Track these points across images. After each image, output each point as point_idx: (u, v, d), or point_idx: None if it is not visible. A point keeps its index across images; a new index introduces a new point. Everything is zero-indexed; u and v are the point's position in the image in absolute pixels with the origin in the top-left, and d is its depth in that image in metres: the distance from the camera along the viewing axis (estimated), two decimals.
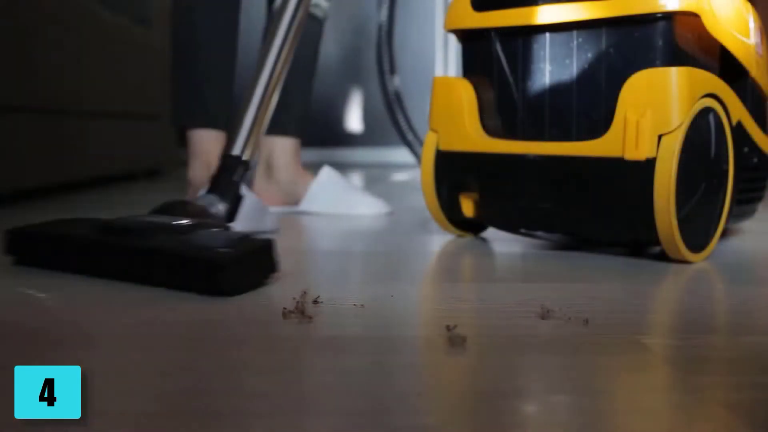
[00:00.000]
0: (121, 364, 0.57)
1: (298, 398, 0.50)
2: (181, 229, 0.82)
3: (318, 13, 1.55)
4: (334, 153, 3.51)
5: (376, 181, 2.46)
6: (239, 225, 1.22)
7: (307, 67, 1.56)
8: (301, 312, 0.68)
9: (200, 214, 0.90)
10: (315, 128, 3.59)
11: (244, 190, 1.05)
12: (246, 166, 0.98)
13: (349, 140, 3.63)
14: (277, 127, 1.54)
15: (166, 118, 1.48)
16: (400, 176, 2.67)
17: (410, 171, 2.86)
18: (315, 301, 0.73)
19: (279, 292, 0.80)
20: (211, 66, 1.40)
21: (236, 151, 0.98)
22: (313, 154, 3.26)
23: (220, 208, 0.96)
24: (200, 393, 0.50)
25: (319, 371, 0.55)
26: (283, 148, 1.55)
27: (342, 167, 2.42)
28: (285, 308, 0.69)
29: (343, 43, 3.62)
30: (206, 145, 1.40)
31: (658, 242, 0.97)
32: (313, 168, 1.60)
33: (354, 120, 3.65)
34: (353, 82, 3.59)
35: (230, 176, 0.97)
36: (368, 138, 3.61)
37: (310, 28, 1.55)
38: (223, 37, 1.41)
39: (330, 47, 3.68)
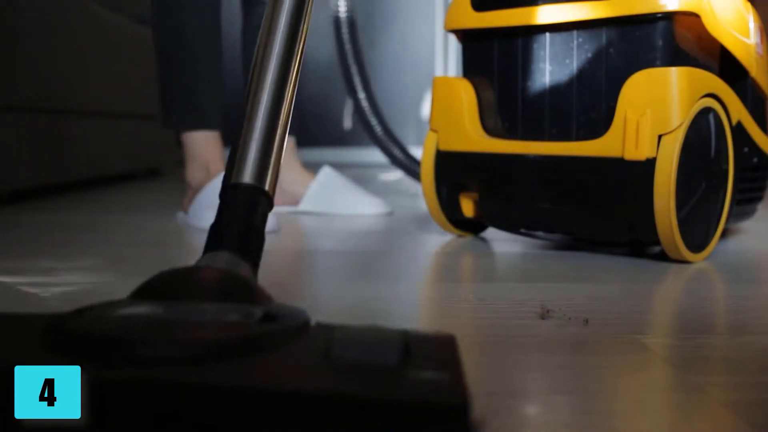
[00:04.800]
0: None
1: None
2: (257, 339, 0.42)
3: None
4: (334, 153, 3.51)
5: (376, 180, 2.46)
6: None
7: None
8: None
9: (244, 293, 0.50)
10: (314, 128, 3.60)
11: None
12: (269, 201, 0.60)
13: (348, 140, 3.63)
14: None
15: (159, 122, 1.46)
16: (399, 176, 2.67)
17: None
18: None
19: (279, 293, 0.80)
20: (201, 66, 1.39)
21: (245, 177, 0.59)
22: (312, 154, 3.26)
23: (246, 270, 0.56)
24: None
25: None
26: None
27: (341, 167, 2.42)
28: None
29: None
30: (203, 147, 1.39)
31: (658, 242, 0.97)
32: (313, 168, 1.60)
33: (352, 119, 3.65)
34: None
35: (244, 215, 0.58)
36: (367, 137, 3.61)
37: None
38: (211, 35, 1.40)
39: (328, 46, 3.68)
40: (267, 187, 0.59)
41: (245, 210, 0.58)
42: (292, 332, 0.44)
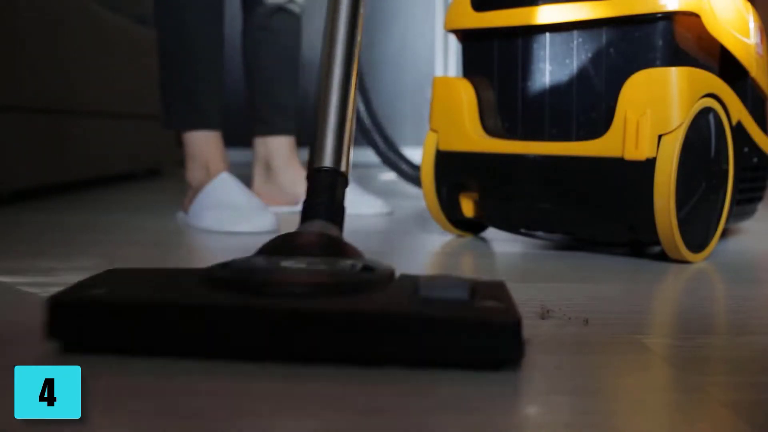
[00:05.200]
0: (122, 364, 0.56)
1: (298, 398, 0.50)
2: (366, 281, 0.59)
3: (295, 9, 1.55)
4: None
5: (376, 180, 2.46)
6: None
7: (290, 64, 1.57)
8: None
9: (342, 250, 0.66)
10: (313, 128, 3.59)
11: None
12: (345, 180, 0.74)
13: None
14: (270, 127, 1.55)
15: (160, 121, 1.47)
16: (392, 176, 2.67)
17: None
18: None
19: None
20: (202, 66, 1.39)
21: (326, 162, 0.74)
22: None
23: (336, 232, 0.71)
24: (200, 393, 0.50)
25: (319, 370, 0.55)
26: (280, 147, 1.55)
27: None
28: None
29: None
30: (203, 147, 1.39)
31: (658, 242, 0.97)
32: None
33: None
34: None
35: (329, 192, 0.73)
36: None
37: (289, 25, 1.55)
38: (212, 36, 1.41)
39: None
40: (343, 168, 0.73)
41: (329, 188, 0.72)
42: (385, 278, 0.61)
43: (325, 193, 0.72)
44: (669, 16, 0.95)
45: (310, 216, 0.71)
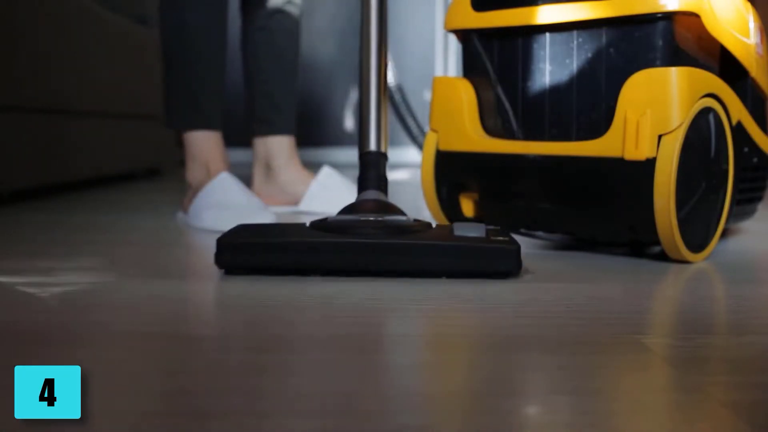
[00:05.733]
0: (121, 364, 0.57)
1: (297, 398, 0.50)
2: (414, 228, 0.90)
3: (293, 10, 1.55)
4: (334, 153, 3.51)
5: None
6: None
7: (289, 65, 1.57)
8: None
9: (393, 209, 0.93)
10: (314, 128, 3.60)
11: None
12: (384, 156, 0.99)
13: (348, 140, 3.63)
14: (270, 127, 1.55)
15: (161, 121, 1.47)
16: (398, 175, 2.67)
17: (408, 170, 2.86)
18: None
19: (280, 291, 0.80)
20: (203, 67, 1.40)
21: (373, 147, 0.98)
22: (312, 154, 3.26)
23: (385, 198, 0.97)
24: (200, 393, 0.50)
25: (318, 370, 0.55)
26: (280, 147, 1.55)
27: (341, 167, 2.42)
28: None
29: (342, 43, 3.62)
30: (204, 147, 1.39)
31: (658, 242, 0.97)
32: (313, 168, 1.60)
33: (353, 119, 3.65)
34: (352, 81, 3.60)
35: (376, 169, 0.97)
36: None
37: (287, 26, 1.55)
38: (214, 36, 1.41)
39: (329, 47, 3.68)
40: (383, 149, 0.99)
41: (376, 166, 0.97)
42: (428, 225, 0.93)
43: (374, 169, 0.97)
44: (669, 16, 0.95)
45: (364, 187, 0.97)
